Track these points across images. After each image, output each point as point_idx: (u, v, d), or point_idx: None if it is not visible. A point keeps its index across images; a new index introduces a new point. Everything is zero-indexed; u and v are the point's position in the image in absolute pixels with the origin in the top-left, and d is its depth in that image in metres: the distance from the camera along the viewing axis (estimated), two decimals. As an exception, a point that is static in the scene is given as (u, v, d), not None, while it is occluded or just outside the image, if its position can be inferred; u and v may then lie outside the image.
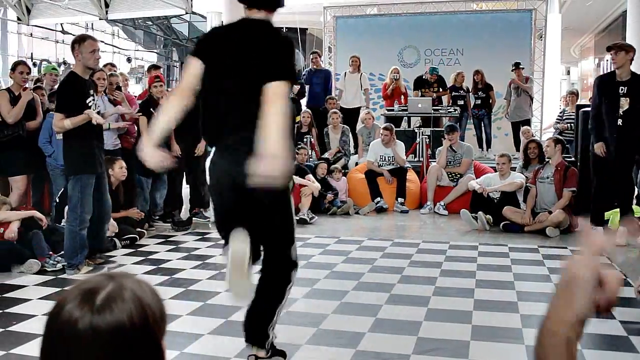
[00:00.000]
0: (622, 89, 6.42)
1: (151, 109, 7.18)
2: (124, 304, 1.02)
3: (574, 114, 9.89)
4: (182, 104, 3.05)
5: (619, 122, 6.44)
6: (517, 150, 10.58)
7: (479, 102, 11.61)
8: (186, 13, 22.56)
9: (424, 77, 11.62)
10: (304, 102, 11.16)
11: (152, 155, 2.96)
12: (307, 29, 24.64)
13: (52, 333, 1.03)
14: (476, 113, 11.68)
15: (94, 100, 5.17)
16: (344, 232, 7.22)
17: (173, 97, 3.37)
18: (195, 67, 3.05)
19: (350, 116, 11.00)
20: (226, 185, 3.03)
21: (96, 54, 5.12)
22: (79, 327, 1.00)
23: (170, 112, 3.08)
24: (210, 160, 3.08)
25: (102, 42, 23.01)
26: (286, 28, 24.14)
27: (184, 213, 7.99)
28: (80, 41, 5.07)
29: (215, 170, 3.07)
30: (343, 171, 9.18)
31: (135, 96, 8.34)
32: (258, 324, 3.12)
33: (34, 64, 19.41)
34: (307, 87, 11.07)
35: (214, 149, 3.09)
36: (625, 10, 14.17)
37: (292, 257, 3.11)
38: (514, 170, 7.79)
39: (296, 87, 10.64)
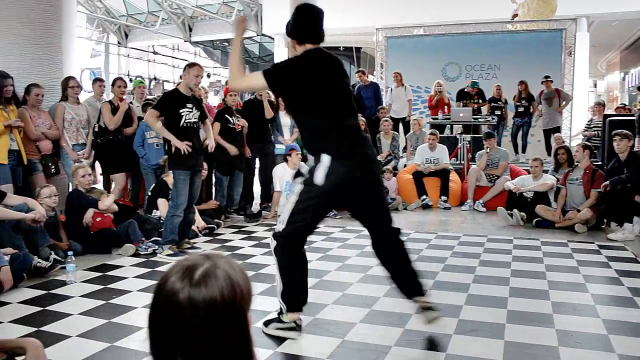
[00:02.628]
0: None
1: (226, 115, 7.31)
2: (217, 281, 1.04)
3: (601, 122, 9.55)
4: None
5: None
6: (549, 154, 10.30)
7: (521, 109, 11.31)
8: (257, 35, 22.87)
9: (465, 90, 11.45)
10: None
11: None
12: (361, 47, 24.61)
13: (158, 301, 1.06)
14: (519, 121, 11.37)
15: (190, 112, 5.30)
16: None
17: None
18: None
19: (398, 124, 10.95)
20: None
21: (199, 78, 5.35)
22: (179, 298, 1.02)
23: None
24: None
25: (186, 60, 23.51)
26: (343, 47, 24.27)
27: (255, 207, 8.08)
28: (191, 66, 5.37)
29: None
30: (393, 172, 9.10)
31: (214, 106, 8.45)
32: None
33: (130, 80, 19.92)
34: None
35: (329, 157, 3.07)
36: (650, 29, 13.67)
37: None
38: (547, 173, 7.58)
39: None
